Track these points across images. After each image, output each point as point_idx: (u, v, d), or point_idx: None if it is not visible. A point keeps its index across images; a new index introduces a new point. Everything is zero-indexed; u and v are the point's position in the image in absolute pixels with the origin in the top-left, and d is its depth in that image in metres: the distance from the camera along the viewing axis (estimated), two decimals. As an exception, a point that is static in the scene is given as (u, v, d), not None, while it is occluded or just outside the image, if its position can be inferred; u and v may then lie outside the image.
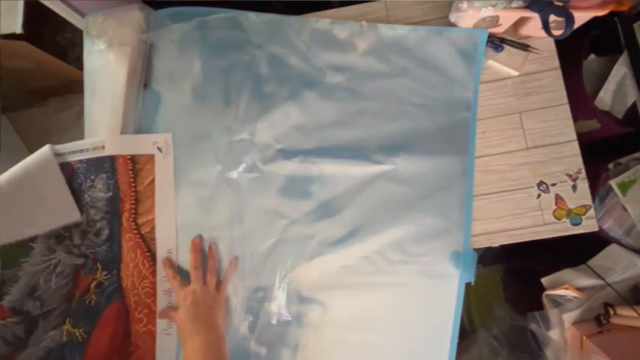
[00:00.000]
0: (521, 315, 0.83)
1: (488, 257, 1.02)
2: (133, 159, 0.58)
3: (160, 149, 0.59)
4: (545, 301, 0.74)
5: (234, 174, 0.60)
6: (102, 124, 0.59)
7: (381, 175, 0.60)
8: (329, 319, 0.59)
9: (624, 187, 0.74)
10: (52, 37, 0.72)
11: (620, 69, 0.78)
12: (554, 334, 0.73)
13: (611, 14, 0.54)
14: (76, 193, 0.56)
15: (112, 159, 0.57)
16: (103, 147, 0.57)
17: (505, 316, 0.91)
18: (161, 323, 0.56)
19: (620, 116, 0.81)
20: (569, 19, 0.50)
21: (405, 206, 0.59)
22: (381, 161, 0.60)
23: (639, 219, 0.73)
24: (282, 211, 0.60)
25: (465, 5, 0.55)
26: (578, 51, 0.81)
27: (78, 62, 0.64)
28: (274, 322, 0.59)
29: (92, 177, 0.57)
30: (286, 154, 0.60)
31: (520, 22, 0.60)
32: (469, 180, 0.60)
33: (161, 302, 0.57)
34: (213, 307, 0.53)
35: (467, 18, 0.57)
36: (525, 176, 0.61)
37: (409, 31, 0.61)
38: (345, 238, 0.59)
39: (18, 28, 0.60)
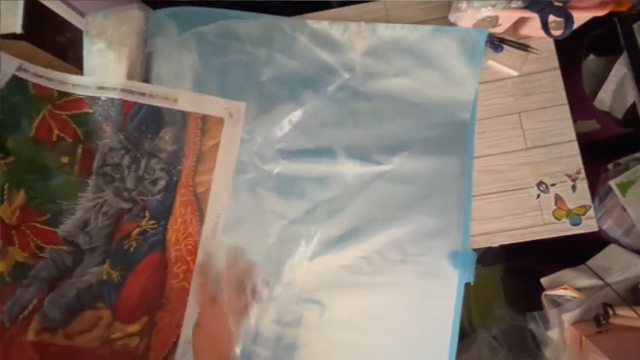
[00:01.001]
0: (520, 315, 0.83)
1: (488, 257, 1.02)
2: (204, 118, 0.59)
3: (230, 115, 0.59)
4: (544, 301, 0.74)
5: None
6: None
7: (380, 175, 0.60)
8: (328, 319, 0.59)
9: (624, 188, 0.74)
10: (52, 37, 0.72)
11: (620, 69, 0.78)
12: (553, 334, 0.73)
13: (611, 14, 0.54)
14: (131, 133, 0.58)
15: (184, 114, 0.58)
16: (176, 100, 0.58)
17: (504, 316, 0.91)
18: (196, 282, 0.57)
19: (619, 116, 0.81)
20: (569, 20, 0.50)
21: (404, 206, 0.60)
22: (380, 161, 0.60)
23: (639, 219, 0.73)
24: (281, 211, 0.60)
25: (464, 5, 0.55)
26: (577, 51, 0.81)
27: (78, 62, 0.64)
28: (274, 322, 0.59)
29: (158, 126, 0.58)
30: (285, 154, 0.60)
31: (519, 23, 0.60)
32: (468, 180, 0.60)
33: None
34: (224, 340, 0.52)
35: (466, 18, 0.57)
36: (525, 176, 0.61)
37: (408, 31, 0.61)
38: (344, 238, 0.59)
39: (18, 28, 0.60)
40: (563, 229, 0.60)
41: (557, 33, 0.54)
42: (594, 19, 0.56)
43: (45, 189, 0.56)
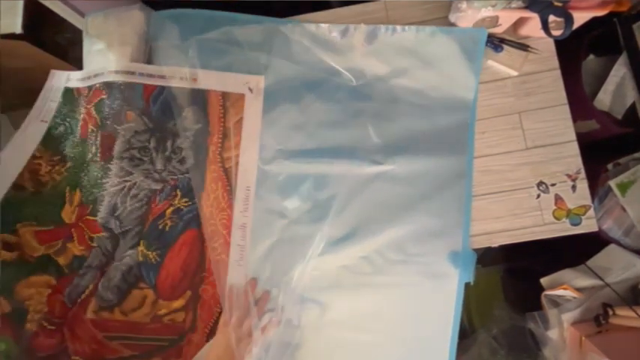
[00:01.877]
0: (520, 315, 0.83)
1: (488, 257, 1.02)
2: (225, 95, 0.60)
3: (250, 90, 0.60)
4: (544, 301, 0.74)
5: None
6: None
7: (381, 176, 0.60)
8: (328, 319, 0.59)
9: (623, 188, 0.74)
10: (52, 37, 0.72)
11: (620, 69, 0.78)
12: (553, 334, 0.73)
13: (611, 15, 0.54)
14: (155, 115, 0.59)
15: (204, 92, 0.59)
16: (195, 79, 0.59)
17: (504, 316, 0.91)
18: (234, 254, 0.58)
19: (619, 116, 0.81)
20: (569, 20, 0.50)
21: (404, 206, 0.60)
22: (380, 161, 0.60)
23: (638, 219, 0.73)
24: (282, 211, 0.60)
25: (464, 5, 0.55)
26: (577, 51, 0.81)
27: (78, 62, 0.64)
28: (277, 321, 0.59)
29: (181, 106, 0.59)
30: (286, 154, 0.60)
31: (519, 23, 0.60)
32: (468, 180, 0.60)
33: (235, 235, 0.59)
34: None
35: (466, 18, 0.57)
36: (525, 176, 0.61)
37: (408, 32, 0.61)
38: (345, 238, 0.59)
39: (18, 28, 0.60)
40: (563, 229, 0.60)
41: (557, 33, 0.54)
42: (594, 19, 0.56)
43: (88, 182, 0.59)
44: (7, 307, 0.54)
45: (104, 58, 0.59)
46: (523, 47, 0.61)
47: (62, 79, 0.62)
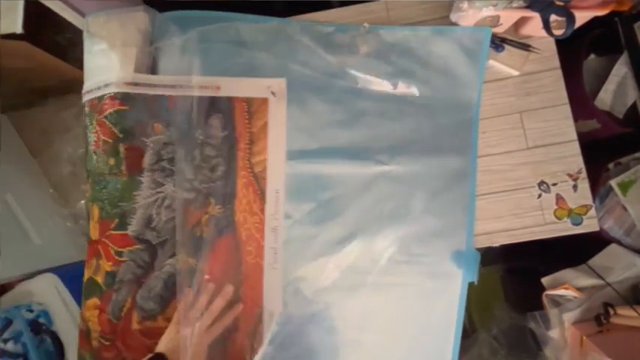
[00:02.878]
0: (521, 315, 0.83)
1: (488, 257, 1.01)
2: (248, 101, 0.60)
3: (273, 93, 0.60)
4: (545, 300, 0.74)
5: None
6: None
7: (384, 176, 0.60)
8: (332, 319, 0.59)
9: (624, 187, 0.74)
10: (52, 37, 0.72)
11: (621, 69, 0.78)
12: (554, 333, 0.73)
13: (612, 14, 0.54)
14: (181, 126, 0.59)
15: (228, 100, 0.60)
16: (218, 87, 0.60)
17: (505, 315, 0.91)
18: (268, 257, 0.59)
19: (620, 116, 0.81)
20: (570, 19, 0.50)
21: (407, 206, 0.60)
22: (383, 161, 0.60)
23: (639, 219, 0.73)
24: (286, 212, 0.60)
25: (465, 5, 0.54)
26: (578, 51, 0.81)
27: (78, 62, 0.64)
28: (277, 322, 0.59)
29: (207, 115, 0.59)
30: (289, 154, 0.60)
31: (521, 22, 0.60)
32: (472, 180, 0.60)
33: (268, 238, 0.59)
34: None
35: (468, 18, 0.57)
36: (526, 176, 0.61)
37: (411, 32, 0.61)
38: (348, 238, 0.59)
39: (18, 28, 0.60)
40: (565, 228, 0.60)
41: (558, 32, 0.54)
42: (595, 19, 0.55)
43: (107, 196, 0.58)
44: (83, 326, 0.58)
45: (106, 59, 0.59)
46: (524, 47, 0.61)
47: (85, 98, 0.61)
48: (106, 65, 0.59)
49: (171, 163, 0.59)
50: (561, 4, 0.51)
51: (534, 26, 0.57)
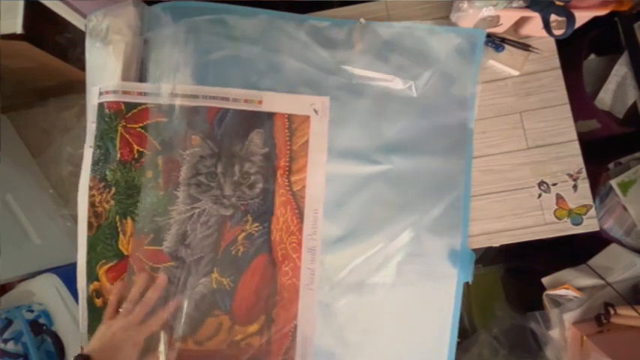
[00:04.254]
0: (521, 315, 0.83)
1: (488, 257, 1.02)
2: (290, 118, 0.59)
3: (316, 111, 0.59)
4: (545, 300, 0.74)
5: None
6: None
7: (380, 175, 0.60)
8: (327, 319, 0.59)
9: (625, 187, 0.74)
10: (52, 37, 0.72)
11: (621, 69, 0.78)
12: (554, 333, 0.73)
13: (612, 14, 0.54)
14: (220, 140, 0.58)
15: (270, 115, 0.58)
16: (261, 102, 0.58)
17: (505, 316, 0.91)
18: (304, 278, 0.58)
19: (620, 116, 0.81)
20: (570, 19, 0.50)
21: (403, 206, 0.59)
22: (379, 161, 0.59)
23: (639, 219, 0.73)
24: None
25: (465, 5, 0.55)
26: (578, 51, 0.81)
27: (78, 62, 0.64)
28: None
29: (247, 129, 0.58)
30: None
31: (521, 22, 0.60)
32: (467, 179, 0.60)
33: (305, 259, 0.58)
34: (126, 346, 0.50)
35: (467, 18, 0.57)
36: (526, 176, 0.61)
37: (407, 30, 0.61)
38: (344, 238, 0.59)
39: (18, 28, 0.60)
40: (565, 228, 0.60)
41: (558, 32, 0.54)
42: (595, 19, 0.55)
43: (143, 210, 0.56)
44: None
45: (104, 55, 0.59)
46: (524, 47, 0.61)
47: (95, 94, 0.58)
48: (102, 62, 0.58)
49: (207, 177, 0.57)
50: (561, 4, 0.51)
51: (534, 26, 0.57)
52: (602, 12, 0.53)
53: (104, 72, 0.59)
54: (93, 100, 0.58)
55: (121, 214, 0.56)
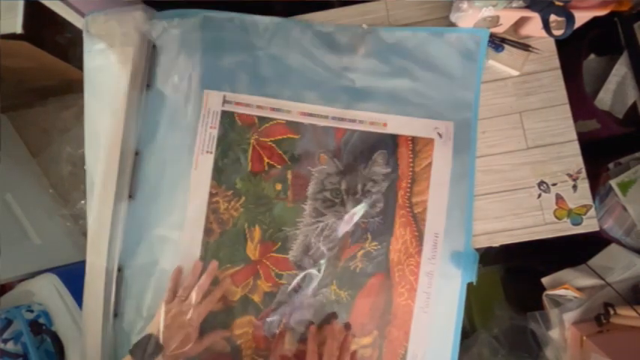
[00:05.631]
0: (521, 315, 0.83)
1: (488, 257, 1.02)
2: (414, 140, 0.60)
3: (440, 135, 0.60)
4: (545, 300, 0.74)
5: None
6: (103, 125, 0.59)
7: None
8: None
9: (624, 187, 0.74)
10: (52, 37, 0.72)
11: (621, 69, 0.78)
12: (554, 333, 0.73)
13: (612, 14, 0.54)
14: (346, 158, 0.60)
15: (394, 137, 0.60)
16: (385, 124, 0.60)
17: (505, 316, 0.91)
18: (419, 301, 0.59)
19: (620, 116, 0.81)
20: (570, 19, 0.50)
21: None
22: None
23: (639, 219, 0.73)
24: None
25: (465, 5, 0.54)
26: (578, 51, 0.81)
27: (78, 62, 0.64)
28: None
29: (371, 150, 0.60)
30: None
31: (520, 22, 0.60)
32: (470, 180, 0.60)
33: (422, 283, 0.59)
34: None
35: (467, 18, 0.57)
36: (526, 176, 0.61)
37: (410, 33, 0.61)
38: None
39: (18, 28, 0.60)
40: (564, 228, 0.60)
41: (558, 32, 0.54)
42: (595, 19, 0.55)
43: (271, 219, 0.60)
44: (227, 348, 0.59)
45: (105, 58, 0.59)
46: (524, 47, 0.61)
47: (218, 101, 0.61)
48: (104, 65, 0.58)
49: (333, 194, 0.59)
50: (561, 4, 0.51)
51: (534, 26, 0.57)
52: (601, 12, 0.53)
53: (107, 76, 0.59)
54: (215, 106, 0.60)
55: (249, 222, 0.60)
